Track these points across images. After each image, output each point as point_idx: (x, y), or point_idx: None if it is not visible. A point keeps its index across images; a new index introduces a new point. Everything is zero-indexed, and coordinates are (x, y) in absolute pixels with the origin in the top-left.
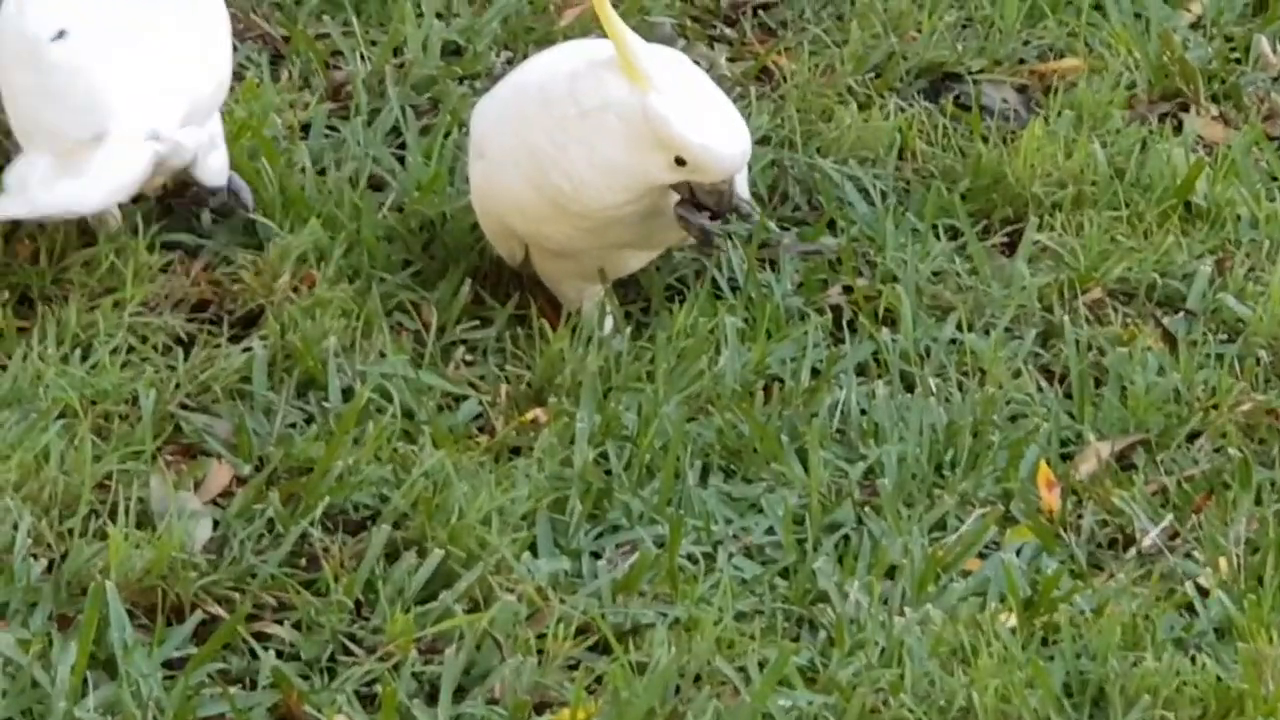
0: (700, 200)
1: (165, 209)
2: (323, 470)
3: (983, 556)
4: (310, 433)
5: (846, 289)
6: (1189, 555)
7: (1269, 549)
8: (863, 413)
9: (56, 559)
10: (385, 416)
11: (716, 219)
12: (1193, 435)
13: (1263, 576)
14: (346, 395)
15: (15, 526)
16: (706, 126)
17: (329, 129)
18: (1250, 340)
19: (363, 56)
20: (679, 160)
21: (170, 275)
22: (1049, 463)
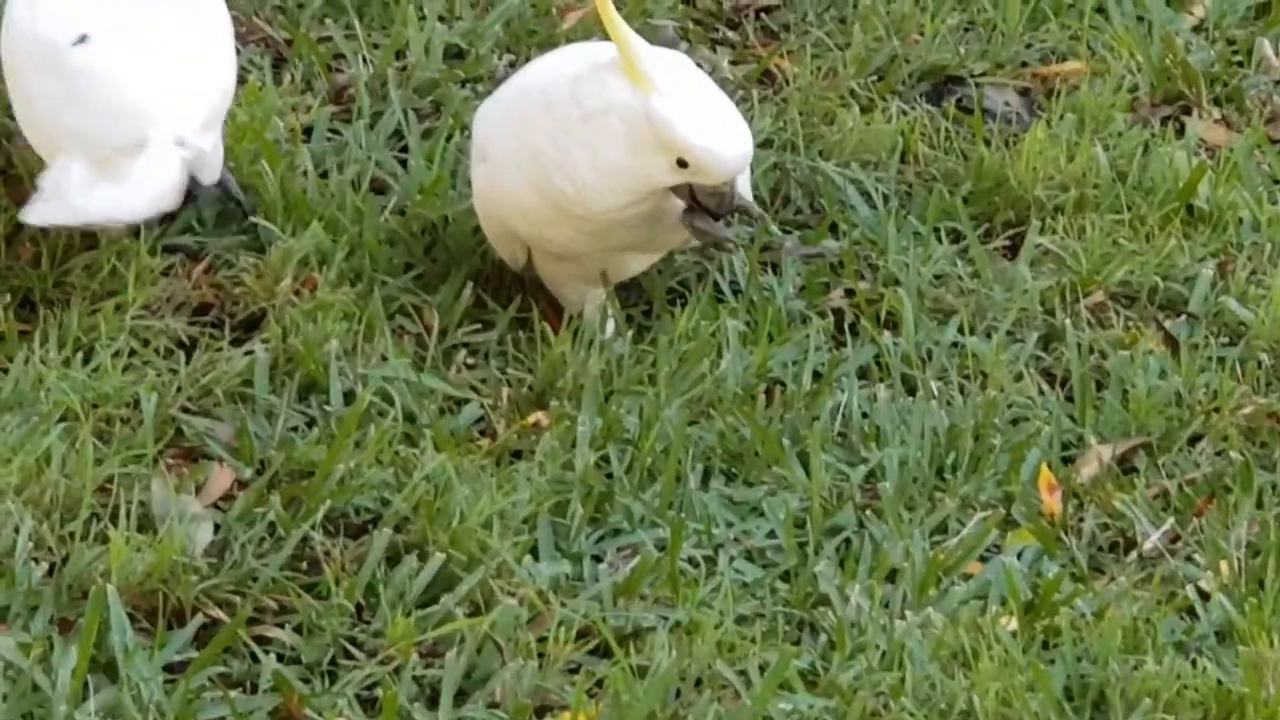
0: (701, 202)
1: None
2: (324, 474)
3: (984, 560)
4: (312, 436)
5: (848, 292)
6: (1190, 559)
7: (1270, 552)
8: (864, 416)
9: (57, 562)
10: (387, 420)
11: (718, 220)
12: (1194, 439)
13: (1264, 580)
14: (348, 399)
15: (16, 530)
16: (709, 129)
17: (331, 132)
18: (1252, 343)
19: (365, 60)
20: (681, 162)
21: (172, 278)
22: (1050, 466)
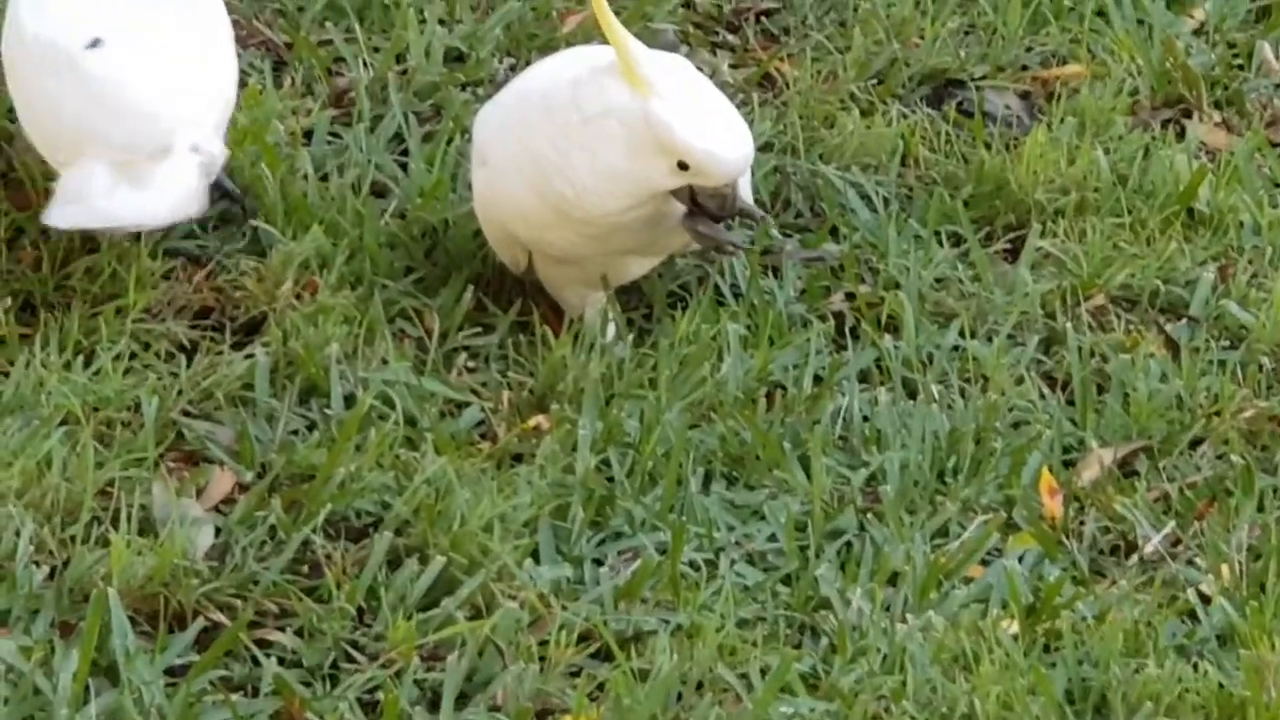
0: (703, 205)
1: None
2: (325, 477)
3: (985, 563)
4: (312, 440)
5: (849, 296)
6: (1191, 562)
7: (1271, 556)
8: (865, 420)
9: (58, 566)
10: (387, 423)
11: (719, 223)
12: (1195, 442)
13: (1265, 583)
14: (349, 402)
15: (17, 533)
16: (709, 131)
17: (331, 135)
18: (1253, 347)
19: (365, 63)
20: (682, 165)
21: (173, 282)
22: (1051, 469)
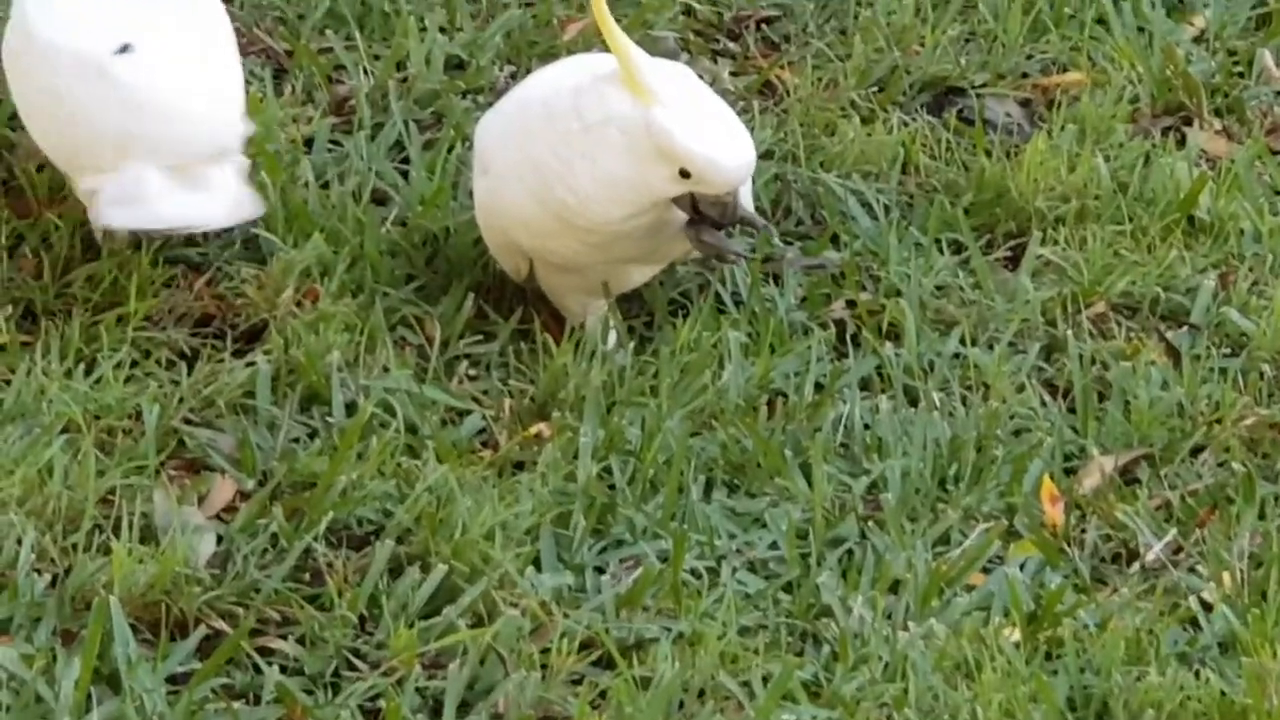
0: (705, 213)
1: None
2: (326, 485)
3: (986, 571)
4: (314, 447)
5: (850, 303)
6: (1193, 570)
7: (1272, 563)
8: (866, 427)
9: (60, 574)
10: (389, 431)
11: (720, 231)
12: (1196, 450)
13: (1266, 591)
14: (350, 410)
15: (19, 541)
16: (710, 138)
17: (332, 143)
18: (1254, 354)
19: (366, 71)
20: (683, 173)
21: (174, 290)
22: (1052, 477)
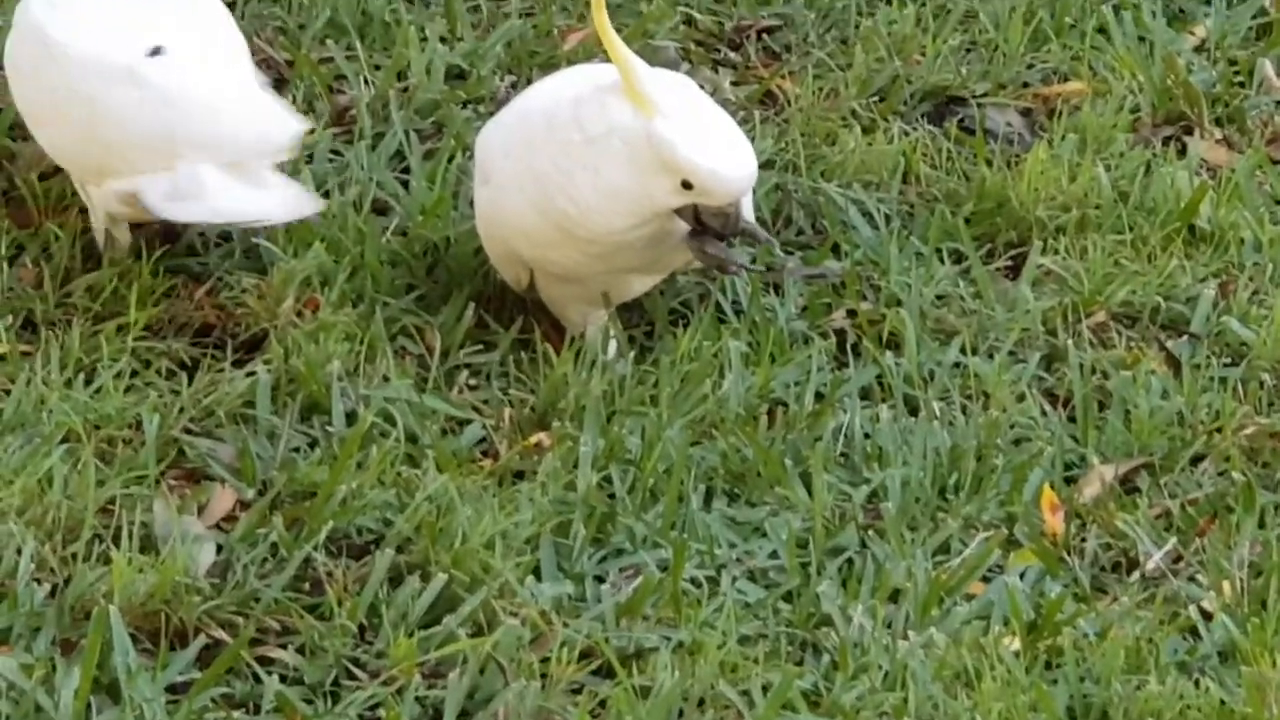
0: (707, 223)
1: (168, 234)
2: (326, 494)
3: (986, 580)
4: (314, 457)
5: (850, 313)
6: (1192, 579)
7: (1272, 572)
8: (866, 436)
9: (60, 584)
10: (389, 441)
11: (723, 241)
12: (1196, 459)
13: (1266, 600)
14: (350, 419)
15: (19, 551)
16: (712, 150)
17: (333, 153)
18: (1254, 364)
19: (367, 81)
20: (685, 184)
21: (174, 300)
22: (1053, 486)
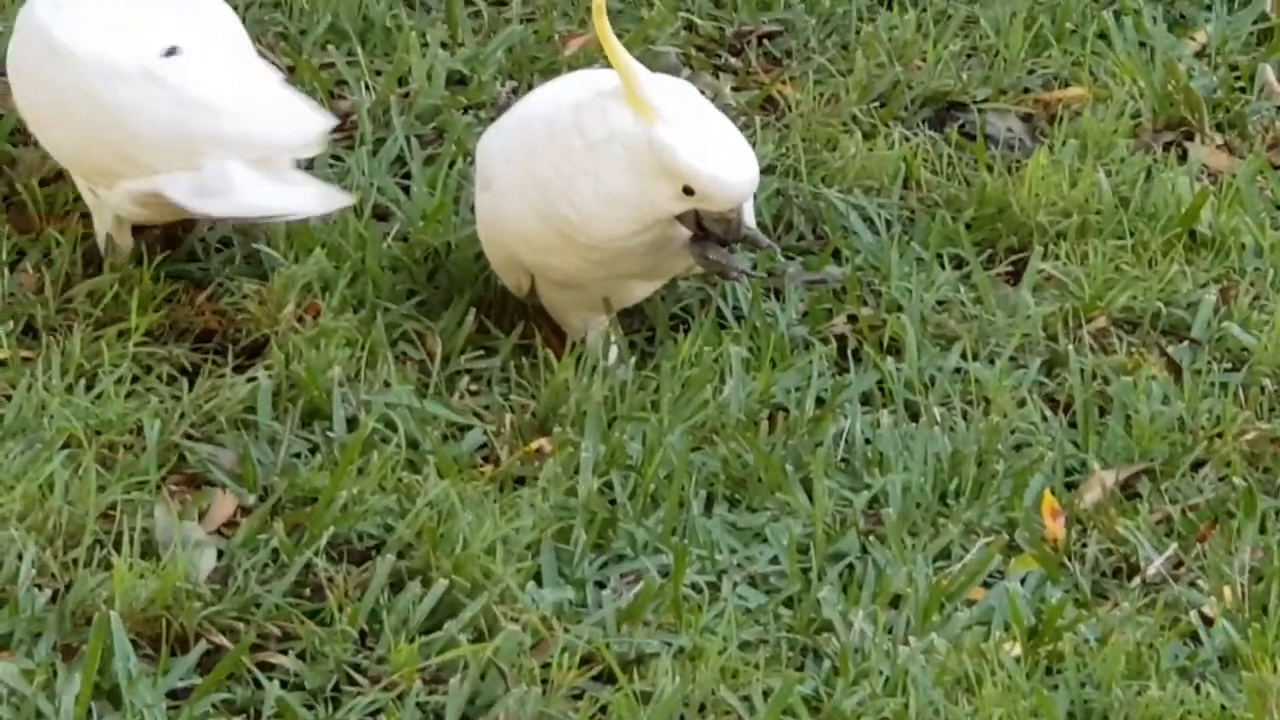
0: (709, 229)
1: (169, 239)
2: (327, 500)
3: (987, 585)
4: (315, 462)
5: (851, 318)
6: (1193, 584)
7: (1273, 578)
8: (867, 442)
9: (61, 589)
10: (390, 446)
11: (725, 247)
12: (1197, 464)
13: (1267, 605)
14: (351, 425)
15: (20, 557)
16: (714, 155)
17: (334, 158)
18: (1255, 369)
19: (367, 86)
20: (687, 190)
21: (175, 305)
22: (1053, 492)
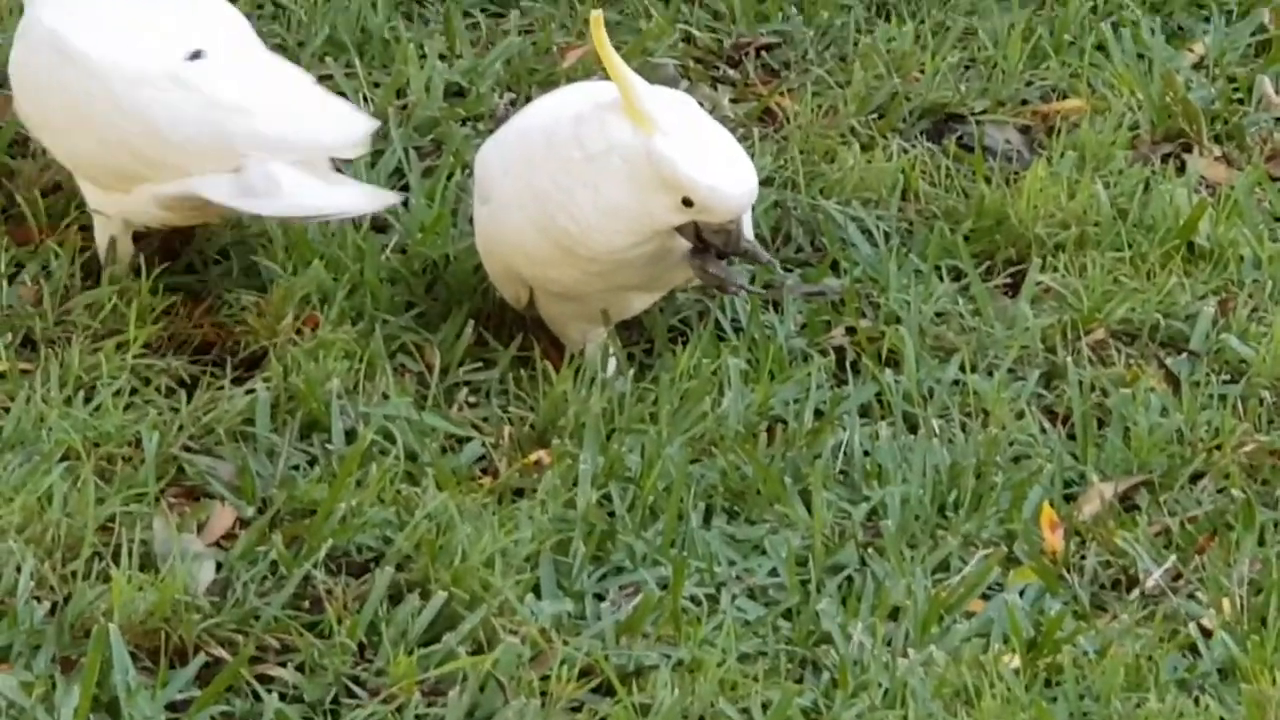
0: (708, 241)
1: (168, 251)
2: (326, 512)
3: (986, 598)
4: (313, 475)
5: (849, 330)
6: (1192, 596)
7: (1272, 590)
8: (866, 454)
9: (59, 601)
10: (388, 458)
11: (723, 259)
12: (1196, 476)
13: (1266, 618)
14: (350, 437)
15: (18, 569)
16: (713, 167)
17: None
18: (1253, 381)
19: (366, 98)
20: (686, 201)
21: (173, 317)
22: (1052, 504)
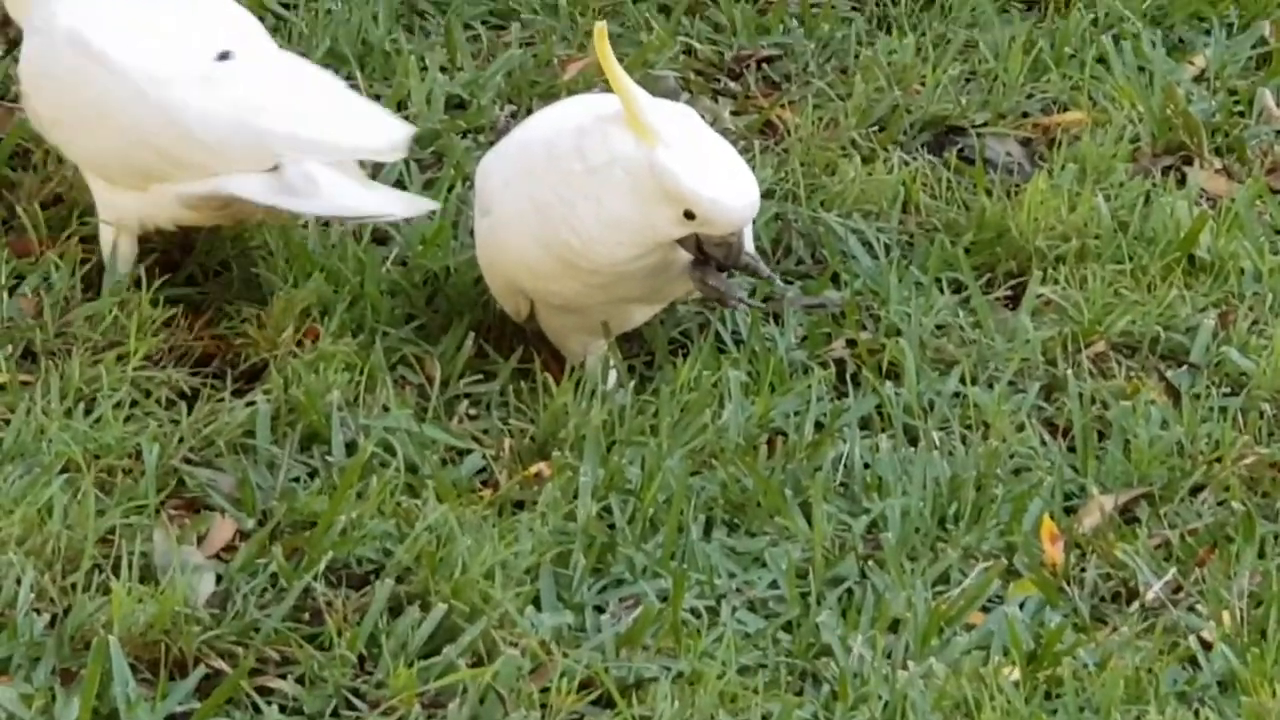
0: (709, 253)
1: (168, 263)
2: (326, 524)
3: (986, 610)
4: (313, 487)
5: (850, 343)
6: (1192, 609)
7: (1272, 602)
8: (866, 466)
9: (59, 614)
10: (388, 470)
11: (724, 271)
12: (1196, 489)
13: (1266, 630)
14: (350, 449)
15: (18, 581)
16: (714, 179)
17: None
18: (1253, 394)
19: None
20: (688, 214)
21: (173, 329)
22: (1052, 516)
